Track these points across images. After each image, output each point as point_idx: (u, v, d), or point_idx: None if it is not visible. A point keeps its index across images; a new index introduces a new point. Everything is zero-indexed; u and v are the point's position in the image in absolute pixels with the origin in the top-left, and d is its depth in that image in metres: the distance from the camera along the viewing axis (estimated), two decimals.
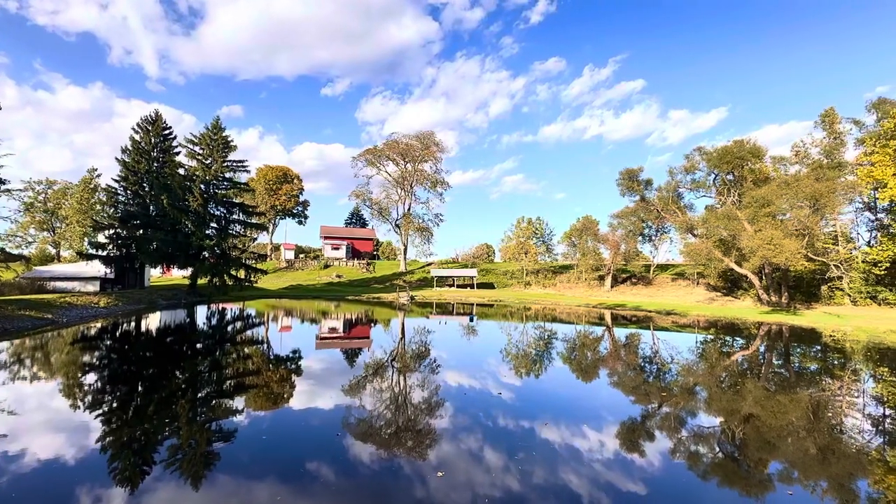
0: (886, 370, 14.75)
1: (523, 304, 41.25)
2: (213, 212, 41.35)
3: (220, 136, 41.09)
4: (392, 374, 13.10)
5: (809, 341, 20.83)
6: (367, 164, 65.19)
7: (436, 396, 10.38)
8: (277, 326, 24.80)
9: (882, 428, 9.10)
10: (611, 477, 6.45)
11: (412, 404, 9.88)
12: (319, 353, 16.57)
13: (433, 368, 13.64)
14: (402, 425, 8.48)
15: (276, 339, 19.67)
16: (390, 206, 65.32)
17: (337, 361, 15.20)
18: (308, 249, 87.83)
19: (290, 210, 79.41)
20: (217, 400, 10.01)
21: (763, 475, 6.82)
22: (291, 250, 76.29)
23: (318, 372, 13.05)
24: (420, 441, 7.64)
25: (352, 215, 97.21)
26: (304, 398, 10.08)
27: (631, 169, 48.62)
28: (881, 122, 34.18)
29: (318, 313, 31.89)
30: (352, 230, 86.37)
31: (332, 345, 18.79)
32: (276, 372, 13.03)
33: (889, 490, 6.20)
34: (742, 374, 13.82)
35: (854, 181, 33.73)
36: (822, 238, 33.97)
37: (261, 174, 75.73)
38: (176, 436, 7.66)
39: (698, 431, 8.65)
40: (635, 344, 20.80)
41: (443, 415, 9.03)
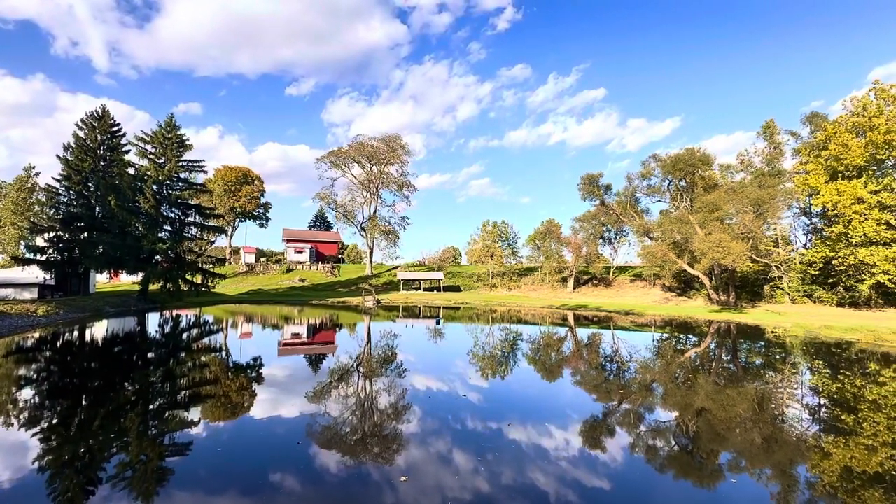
0: (821, 363, 15.98)
1: (489, 306, 41.70)
2: (166, 213, 39.28)
3: (175, 135, 39.16)
4: (358, 379, 12.90)
5: (754, 338, 22.23)
6: (332, 166, 64.03)
7: (403, 401, 10.30)
8: (237, 333, 23.85)
9: (818, 417, 9.84)
10: (577, 474, 6.61)
11: (378, 409, 9.76)
12: (282, 360, 16.07)
13: (400, 372, 13.53)
14: (368, 431, 8.35)
15: (236, 346, 18.91)
16: (356, 208, 64.45)
17: (300, 368, 14.80)
18: (270, 253, 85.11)
19: (250, 212, 76.72)
20: (171, 412, 9.49)
21: (714, 465, 7.21)
22: (252, 254, 73.69)
23: (281, 379, 12.65)
24: (387, 446, 7.56)
25: (316, 218, 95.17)
26: (266, 407, 9.74)
27: (591, 174, 50.32)
28: (814, 135, 37.13)
29: (280, 319, 30.93)
30: (316, 233, 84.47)
31: (295, 351, 18.27)
32: (236, 380, 12.52)
33: (824, 474, 6.71)
34: (694, 371, 14.57)
35: (792, 188, 36.40)
36: (764, 241, 36.40)
37: (219, 175, 72.78)
38: (125, 451, 7.20)
39: (656, 426, 9.03)
40: (597, 344, 21.48)
41: (410, 419, 8.97)
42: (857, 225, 29.84)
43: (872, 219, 29.40)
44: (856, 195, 30.08)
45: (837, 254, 31.42)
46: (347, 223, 65.08)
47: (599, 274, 55.79)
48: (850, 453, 7.40)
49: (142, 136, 38.44)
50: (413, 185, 65.41)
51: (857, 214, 29.93)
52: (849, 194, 30.29)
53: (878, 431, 8.51)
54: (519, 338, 22.72)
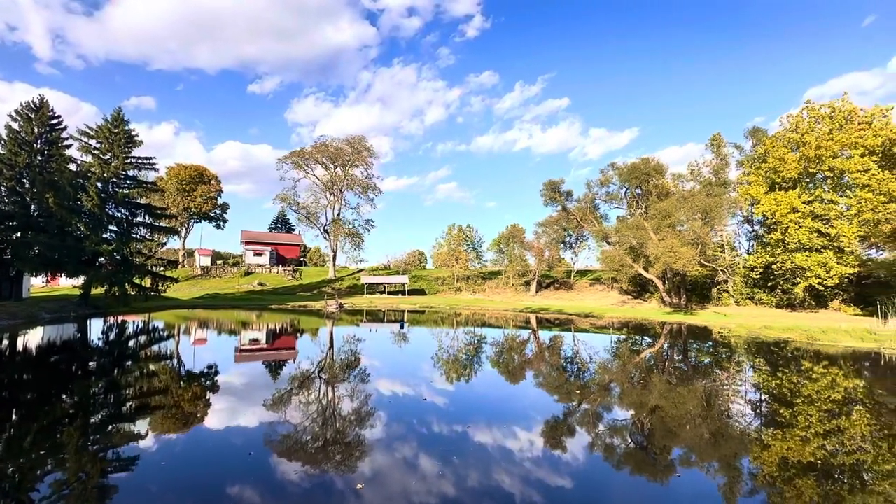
0: (761, 361, 17.13)
1: (454, 309, 41.87)
2: (112, 213, 36.84)
3: (122, 130, 36.88)
4: (319, 385, 12.58)
5: (703, 338, 23.54)
6: (294, 167, 62.34)
7: (366, 406, 10.14)
8: (190, 340, 22.67)
9: (759, 411, 10.53)
10: (540, 474, 6.74)
11: (340, 416, 9.56)
12: (239, 367, 15.42)
13: (363, 378, 13.32)
14: (329, 438, 8.16)
15: (188, 353, 17.96)
16: (319, 210, 62.97)
17: (259, 375, 14.26)
18: (227, 255, 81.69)
19: (206, 213, 73.37)
20: (114, 425, 8.89)
21: (667, 461, 7.55)
22: (208, 256, 70.42)
23: (238, 387, 12.14)
24: (349, 453, 7.41)
25: (277, 220, 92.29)
26: (221, 417, 9.31)
27: (553, 181, 51.69)
28: (756, 148, 39.96)
29: (237, 324, 29.70)
30: (277, 235, 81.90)
31: (253, 357, 17.59)
32: (188, 390, 11.89)
33: (764, 465, 7.19)
34: (649, 370, 15.23)
35: (736, 197, 38.94)
36: (711, 246, 38.67)
37: (172, 173, 69.21)
38: (61, 469, 6.67)
39: (613, 425, 9.36)
40: (558, 346, 22.05)
41: (373, 424, 8.84)
42: (792, 232, 32.29)
43: (806, 227, 31.91)
44: (791, 205, 32.56)
45: (776, 259, 33.86)
46: (310, 225, 63.52)
47: (561, 277, 57.33)
48: (787, 445, 7.97)
49: (85, 130, 35.94)
50: (378, 188, 64.81)
51: (793, 223, 32.39)
52: (785, 204, 32.74)
53: (811, 424, 9.21)
54: (483, 341, 22.93)
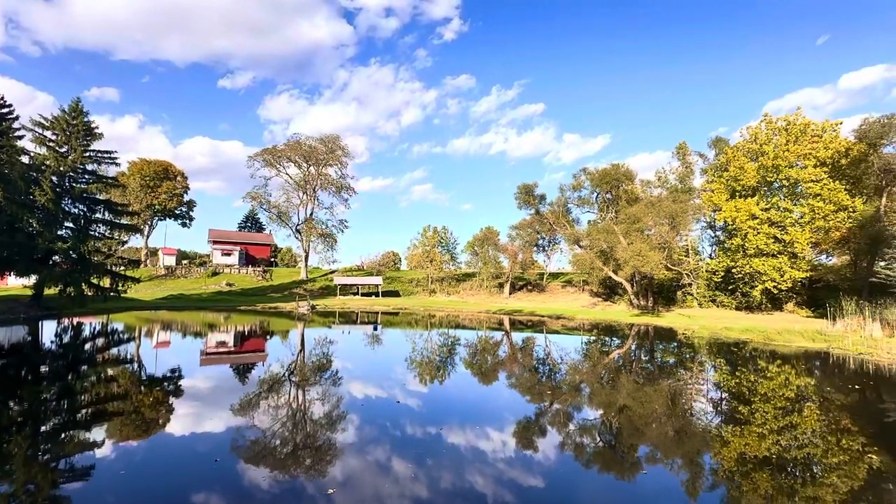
0: (722, 361, 17.90)
1: (428, 311, 41.81)
2: (68, 209, 34.88)
3: (81, 121, 35.03)
4: (290, 388, 12.30)
5: (668, 339, 24.39)
6: (266, 165, 60.78)
7: (338, 409, 9.99)
8: (152, 342, 21.73)
9: (720, 409, 10.99)
10: (513, 474, 6.81)
11: (312, 420, 9.38)
12: (205, 371, 14.89)
13: (335, 380, 13.12)
14: (300, 443, 7.99)
15: (151, 356, 17.22)
16: (291, 210, 61.61)
17: (226, 378, 13.82)
18: (193, 255, 78.80)
19: (171, 210, 70.52)
20: (68, 433, 8.42)
21: (634, 458, 7.78)
22: (172, 256, 67.72)
23: (203, 391, 11.72)
24: (320, 458, 7.28)
25: (247, 218, 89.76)
26: (185, 422, 8.97)
27: (527, 184, 52.46)
28: (718, 157, 41.78)
29: (203, 326, 28.68)
30: (246, 234, 79.66)
31: (220, 360, 17.03)
32: (149, 395, 11.39)
33: (724, 460, 7.51)
34: (618, 371, 15.66)
35: (700, 204, 40.59)
36: (677, 251, 40.15)
37: (135, 168, 66.22)
38: (7, 480, 6.25)
39: (583, 424, 9.57)
40: (531, 347, 22.36)
41: (345, 428, 8.72)
42: (751, 238, 33.92)
43: (763, 233, 33.59)
44: (750, 212, 34.21)
45: (736, 263, 35.47)
46: (281, 225, 62.08)
47: (534, 280, 58.17)
48: (745, 441, 8.35)
49: (40, 121, 33.92)
50: (353, 188, 64.04)
51: (752, 229, 34.04)
52: (745, 211, 34.37)
53: (767, 420, 9.69)
54: (457, 343, 23.00)
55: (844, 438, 8.52)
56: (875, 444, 8.30)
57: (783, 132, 35.63)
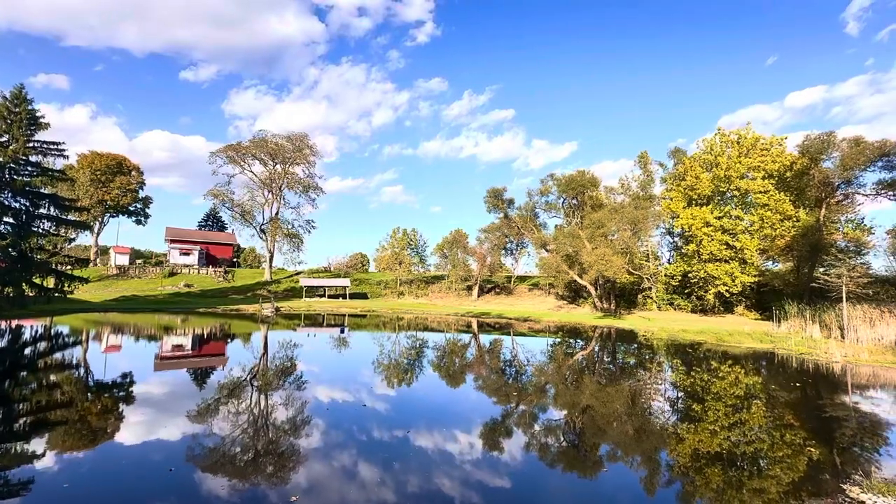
0: (678, 361, 18.74)
1: (396, 313, 41.51)
2: (8, 203, 32.41)
3: (24, 109, 32.68)
4: (251, 393, 11.90)
5: (629, 341, 25.29)
6: (229, 162, 58.63)
7: (302, 414, 9.75)
8: (101, 347, 20.47)
9: (676, 407, 11.50)
10: (480, 476, 6.86)
11: (274, 425, 9.11)
12: (160, 376, 14.17)
13: (299, 384, 12.80)
14: (261, 449, 7.74)
15: (99, 362, 16.21)
16: (255, 209, 59.69)
17: (182, 384, 13.20)
18: (149, 254, 75.02)
19: (125, 207, 66.82)
20: (2, 445, 7.79)
21: (596, 457, 8.01)
22: (126, 255, 64.13)
23: (158, 398, 11.15)
24: (283, 464, 7.08)
25: (208, 217, 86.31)
26: (137, 431, 8.50)
27: (496, 188, 53.12)
28: (676, 167, 43.80)
29: (159, 329, 27.29)
30: (207, 234, 76.54)
31: (176, 365, 16.25)
32: (98, 402, 10.73)
33: (680, 457, 7.86)
34: (581, 372, 16.09)
35: (659, 211, 42.39)
36: (638, 256, 41.75)
37: (85, 162, 62.37)
38: None
39: (548, 425, 9.77)
40: (498, 349, 22.62)
41: (310, 433, 8.52)
42: (706, 244, 35.74)
43: (717, 240, 35.47)
44: (705, 219, 36.06)
45: (692, 268, 37.27)
46: (245, 224, 60.04)
47: (502, 283, 58.91)
48: (699, 437, 8.78)
49: None
50: (320, 188, 62.80)
51: (706, 236, 35.87)
52: (700, 219, 36.19)
53: (719, 418, 10.22)
54: (425, 345, 22.95)
55: (787, 433, 9.11)
56: (813, 437, 8.92)
57: (735, 145, 37.80)
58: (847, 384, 14.04)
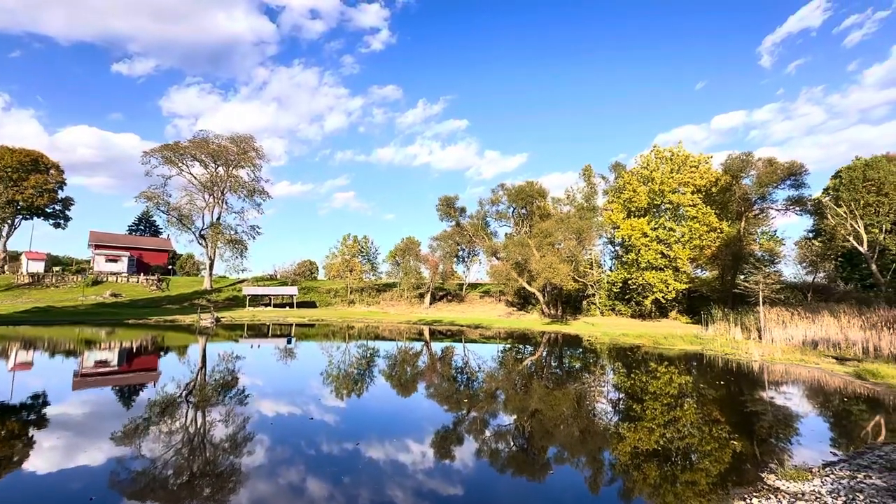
0: (619, 364, 19.76)
1: (346, 322, 40.53)
2: None
3: None
4: (187, 410, 11.10)
5: (574, 345, 26.34)
6: (165, 162, 54.71)
7: (244, 430, 9.23)
8: (8, 365, 18.22)
9: (617, 408, 12.10)
10: (432, 484, 6.82)
11: (212, 443, 8.55)
12: (79, 395, 12.85)
13: (242, 399, 12.12)
14: (197, 470, 7.23)
15: (4, 382, 14.42)
16: (194, 213, 55.98)
17: (107, 403, 12.06)
18: (69, 261, 68.14)
19: (40, 208, 60.32)
20: None
21: (544, 460, 8.24)
22: (40, 261, 57.76)
23: (77, 420, 10.09)
24: (221, 485, 6.65)
25: (140, 221, 80.00)
26: (52, 457, 7.64)
27: (448, 197, 53.65)
28: (617, 180, 46.55)
29: (79, 344, 24.78)
30: (138, 239, 70.88)
31: (99, 382, 14.81)
32: (2, 427, 9.53)
33: (621, 455, 8.27)
34: (530, 377, 16.52)
35: (602, 221, 44.78)
36: (583, 263, 43.74)
37: None
38: None
39: (498, 430, 9.92)
40: (450, 357, 22.71)
41: (252, 450, 8.08)
42: (643, 253, 38.15)
43: (653, 249, 37.97)
44: (642, 230, 38.52)
45: (631, 275, 39.59)
46: (183, 229, 56.15)
47: (453, 290, 59.33)
48: (638, 436, 9.29)
49: None
50: (267, 192, 60.19)
51: (644, 245, 38.31)
52: (638, 229, 38.62)
53: (656, 416, 10.88)
54: (376, 354, 22.57)
55: (714, 428, 9.87)
56: (737, 431, 9.73)
57: (668, 161, 40.82)
58: (764, 381, 15.47)
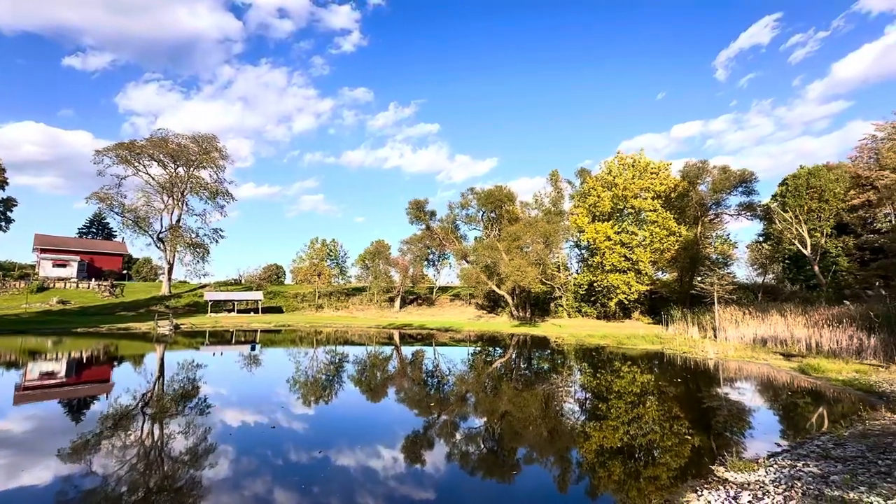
0: (586, 364, 20.29)
1: (314, 327, 39.66)
2: None
3: None
4: (143, 423, 10.55)
5: (543, 347, 26.84)
6: (121, 161, 51.96)
7: (205, 442, 8.87)
8: None
9: (584, 407, 12.42)
10: (404, 490, 6.77)
11: (171, 457, 8.17)
12: (21, 410, 11.96)
13: (203, 409, 11.64)
14: (154, 486, 6.89)
15: None
16: (152, 215, 53.36)
17: (53, 418, 11.29)
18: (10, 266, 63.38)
19: None
20: None
21: (513, 461, 8.35)
22: None
23: (18, 437, 9.39)
24: (180, 501, 6.36)
25: (92, 223, 75.64)
26: None
27: (418, 200, 53.61)
28: (582, 185, 47.92)
29: (20, 354, 23.06)
30: (90, 242, 66.90)
31: (44, 396, 13.84)
32: None
33: (587, 453, 8.49)
34: (499, 378, 16.70)
35: (568, 225, 45.96)
36: (550, 267, 44.69)
37: None
38: None
39: (468, 433, 9.98)
40: (420, 360, 22.64)
41: (214, 463, 7.77)
42: (608, 256, 39.40)
43: (617, 252, 39.28)
44: (606, 234, 39.80)
45: (596, 278, 40.78)
46: (139, 232, 53.40)
47: (424, 294, 59.23)
48: (603, 434, 9.57)
49: None
50: (231, 194, 58.22)
51: (608, 249, 39.57)
52: (602, 233, 39.87)
53: (619, 414, 11.24)
54: (345, 359, 22.21)
55: (675, 424, 10.30)
56: (694, 426, 10.19)
57: (631, 168, 42.40)
58: (719, 378, 16.29)
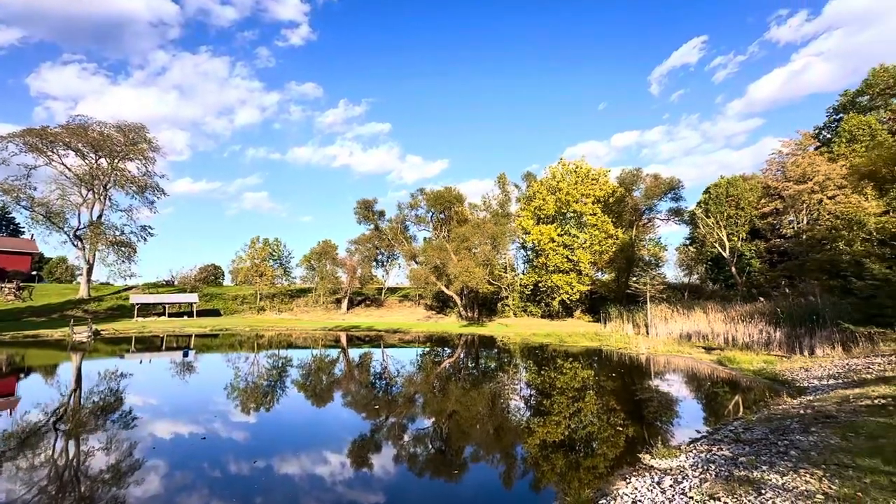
0: (531, 362, 21.01)
1: (255, 331, 37.77)
2: None
3: None
4: (55, 440, 9.53)
5: (489, 346, 27.43)
6: (30, 149, 46.41)
7: (129, 458, 8.18)
8: None
9: (529, 404, 12.86)
10: (352, 495, 6.64)
11: (88, 476, 7.45)
12: None
13: (127, 422, 10.72)
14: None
15: None
16: (68, 209, 48.12)
17: None
18: None
19: None
20: None
21: (461, 460, 8.48)
22: None
23: None
24: None
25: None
26: None
27: (367, 200, 52.82)
28: (528, 189, 49.57)
29: None
30: None
31: None
32: None
33: (531, 448, 8.81)
34: (447, 378, 16.86)
35: (514, 227, 47.33)
36: (498, 267, 45.77)
37: None
38: None
39: (416, 434, 9.99)
40: (367, 362, 22.30)
41: (141, 479, 7.19)
42: (552, 258, 41.04)
43: (560, 254, 41.03)
44: (550, 236, 41.45)
45: (541, 278, 42.33)
46: (52, 228, 47.92)
47: (372, 295, 58.35)
48: (546, 429, 9.96)
49: None
50: (162, 189, 53.91)
51: (552, 250, 41.22)
52: (546, 235, 41.47)
53: (562, 410, 11.76)
54: (288, 364, 21.37)
55: (611, 416, 10.95)
56: (629, 417, 10.90)
57: (573, 173, 44.46)
58: (651, 371, 17.52)
